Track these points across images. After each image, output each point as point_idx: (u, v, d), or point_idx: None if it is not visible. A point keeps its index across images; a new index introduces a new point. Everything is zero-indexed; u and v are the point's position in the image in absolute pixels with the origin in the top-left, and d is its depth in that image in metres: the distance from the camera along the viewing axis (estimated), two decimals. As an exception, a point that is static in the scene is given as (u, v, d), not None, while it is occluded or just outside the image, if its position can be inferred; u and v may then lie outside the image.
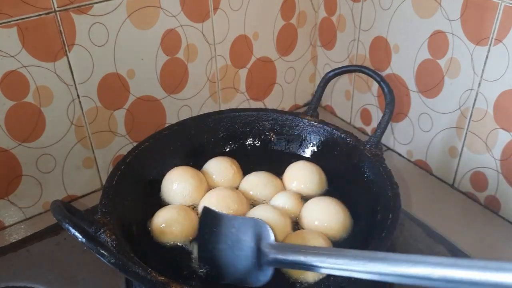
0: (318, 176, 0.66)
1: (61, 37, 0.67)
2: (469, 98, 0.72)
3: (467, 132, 0.74)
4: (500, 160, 0.70)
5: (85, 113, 0.74)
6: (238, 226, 0.54)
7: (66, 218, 0.44)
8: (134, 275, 0.45)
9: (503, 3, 0.63)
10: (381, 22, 0.82)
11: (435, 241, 0.67)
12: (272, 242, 0.51)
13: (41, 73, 0.67)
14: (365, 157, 0.64)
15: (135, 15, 0.72)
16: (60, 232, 0.69)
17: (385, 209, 0.56)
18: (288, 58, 0.95)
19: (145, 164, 0.66)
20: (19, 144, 0.69)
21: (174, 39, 0.78)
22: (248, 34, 0.86)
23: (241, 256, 0.52)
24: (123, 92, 0.76)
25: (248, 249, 0.51)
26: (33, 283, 0.61)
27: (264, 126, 0.74)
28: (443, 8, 0.71)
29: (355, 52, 0.90)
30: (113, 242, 0.50)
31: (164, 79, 0.80)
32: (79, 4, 0.67)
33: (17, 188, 0.72)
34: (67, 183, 0.77)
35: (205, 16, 0.80)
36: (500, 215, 0.73)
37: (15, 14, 0.62)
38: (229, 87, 0.89)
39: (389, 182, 0.59)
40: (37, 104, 0.69)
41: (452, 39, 0.71)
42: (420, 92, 0.79)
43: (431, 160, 0.82)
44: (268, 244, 0.51)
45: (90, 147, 0.77)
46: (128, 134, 0.80)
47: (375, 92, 0.89)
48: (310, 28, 0.95)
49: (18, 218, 0.74)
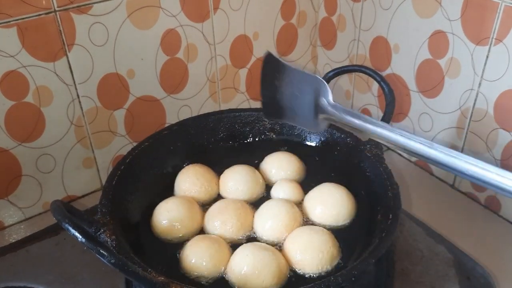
0: (295, 164, 0.69)
1: (61, 37, 0.67)
2: (470, 98, 0.72)
3: (468, 132, 0.74)
4: (501, 160, 0.70)
5: (85, 113, 0.74)
6: (300, 77, 0.57)
7: (66, 218, 0.44)
8: (134, 275, 0.45)
9: (504, 3, 0.63)
10: (381, 22, 0.82)
11: (435, 241, 0.66)
12: (331, 101, 0.55)
13: (41, 73, 0.67)
14: (365, 157, 0.64)
15: (135, 15, 0.72)
16: (60, 232, 0.68)
17: (385, 209, 0.56)
18: (288, 58, 0.95)
19: (145, 164, 0.66)
20: (19, 144, 0.69)
21: (174, 39, 0.78)
22: (248, 34, 0.86)
23: (302, 103, 0.56)
24: (123, 92, 0.76)
25: (309, 98, 0.56)
26: (32, 283, 0.61)
27: (264, 126, 0.74)
28: (443, 8, 0.71)
29: (355, 52, 0.90)
30: (113, 242, 0.50)
31: (164, 79, 0.80)
32: (79, 4, 0.67)
33: (17, 188, 0.72)
34: (67, 183, 0.77)
35: (205, 16, 0.80)
36: (500, 215, 0.73)
37: (15, 14, 0.62)
38: (229, 87, 0.89)
39: (389, 182, 0.59)
40: (37, 104, 0.69)
41: (453, 39, 0.71)
42: (420, 92, 0.79)
43: (431, 160, 0.82)
44: (327, 100, 0.55)
45: (90, 147, 0.77)
46: (128, 134, 0.80)
47: (375, 92, 0.89)
48: (310, 28, 0.95)
49: (17, 218, 0.74)
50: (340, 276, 0.47)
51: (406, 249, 0.65)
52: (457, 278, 0.60)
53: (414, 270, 0.61)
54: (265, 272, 0.52)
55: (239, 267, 0.53)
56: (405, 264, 0.62)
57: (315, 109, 0.55)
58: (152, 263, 0.51)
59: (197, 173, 0.66)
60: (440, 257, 0.64)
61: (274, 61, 0.57)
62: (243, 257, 0.54)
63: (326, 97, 0.55)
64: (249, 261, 0.53)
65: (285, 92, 0.57)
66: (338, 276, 0.47)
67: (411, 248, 0.65)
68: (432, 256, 0.64)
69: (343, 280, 0.47)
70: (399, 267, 0.62)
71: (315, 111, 0.56)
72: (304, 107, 0.56)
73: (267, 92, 0.58)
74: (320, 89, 0.55)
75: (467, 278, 0.60)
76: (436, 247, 0.65)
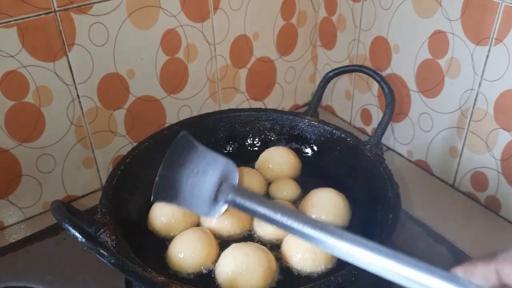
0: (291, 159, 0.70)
1: (61, 37, 0.67)
2: (470, 98, 0.72)
3: (468, 132, 0.74)
4: (501, 160, 0.70)
5: (85, 113, 0.74)
6: (209, 160, 0.55)
7: (66, 218, 0.44)
8: (134, 275, 0.45)
9: (503, 3, 0.63)
10: (381, 22, 0.82)
11: (435, 241, 0.66)
12: (235, 184, 0.54)
13: (41, 73, 0.67)
14: (365, 157, 0.64)
15: (135, 15, 0.72)
16: (60, 232, 0.69)
17: (385, 209, 0.56)
18: (288, 58, 0.95)
19: (145, 164, 0.66)
20: (19, 144, 0.69)
21: (174, 39, 0.78)
22: (248, 34, 0.86)
23: (201, 186, 0.54)
24: (123, 92, 0.76)
25: (210, 182, 0.54)
26: (32, 284, 0.61)
27: (264, 126, 0.74)
28: (443, 8, 0.71)
29: (355, 52, 0.90)
30: (113, 242, 0.50)
31: (164, 79, 0.80)
32: (79, 4, 0.67)
33: (17, 188, 0.72)
34: (67, 183, 0.77)
35: (205, 16, 0.80)
36: (500, 215, 0.73)
37: (15, 14, 0.62)
38: (229, 87, 0.89)
39: (389, 182, 0.59)
40: (37, 104, 0.69)
41: (453, 39, 0.71)
42: (421, 92, 0.79)
43: (431, 160, 0.82)
44: (231, 185, 0.54)
45: (90, 147, 0.77)
46: (128, 134, 0.80)
47: (375, 92, 0.89)
48: (310, 28, 0.95)
49: (18, 218, 0.74)
50: (340, 276, 0.47)
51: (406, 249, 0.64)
52: (457, 278, 0.60)
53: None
54: (252, 273, 0.52)
55: (226, 268, 0.53)
56: (405, 264, 0.62)
57: (216, 192, 0.54)
58: (152, 263, 0.51)
59: None
60: (440, 257, 0.64)
61: (188, 141, 0.56)
62: (230, 258, 0.54)
63: (232, 181, 0.54)
64: (236, 262, 0.53)
65: (187, 174, 0.54)
66: (338, 276, 0.47)
67: (411, 248, 0.65)
68: (432, 256, 0.64)
69: (343, 280, 0.47)
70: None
71: (215, 194, 0.54)
72: (204, 190, 0.54)
73: (166, 172, 0.54)
74: (229, 173, 0.55)
75: (467, 278, 0.60)
76: (436, 247, 0.65)
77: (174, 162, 0.54)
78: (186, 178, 0.54)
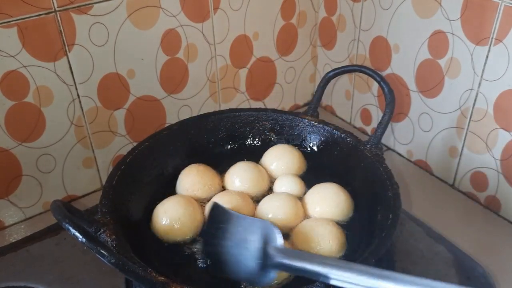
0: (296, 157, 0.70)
1: (61, 37, 0.67)
2: (469, 98, 0.72)
3: (467, 132, 0.74)
4: (500, 160, 0.70)
5: (85, 113, 0.74)
6: (246, 225, 0.53)
7: (66, 218, 0.44)
8: (134, 275, 0.45)
9: (503, 3, 0.63)
10: (381, 22, 0.82)
11: (435, 241, 0.66)
12: (279, 246, 0.50)
13: (41, 73, 0.67)
14: (365, 157, 0.64)
15: (135, 15, 0.72)
16: (60, 232, 0.68)
17: (385, 209, 0.56)
18: (288, 58, 0.95)
19: (145, 164, 0.66)
20: (19, 144, 0.69)
21: (174, 39, 0.78)
22: (248, 34, 0.86)
23: (246, 255, 0.51)
24: (123, 92, 0.76)
25: (254, 249, 0.51)
26: (33, 283, 0.61)
27: (264, 126, 0.74)
28: (443, 8, 0.71)
29: (355, 52, 0.90)
30: (113, 242, 0.50)
31: (164, 79, 0.80)
32: (79, 4, 0.67)
33: (17, 188, 0.72)
34: (67, 183, 0.77)
35: (205, 16, 0.80)
36: (500, 215, 0.73)
37: (15, 14, 0.62)
38: (229, 87, 0.89)
39: (389, 182, 0.59)
40: (37, 104, 0.69)
41: (452, 39, 0.71)
42: (420, 92, 0.79)
43: (431, 160, 0.82)
44: (274, 247, 0.50)
45: (90, 147, 0.77)
46: (128, 134, 0.80)
47: (375, 92, 0.89)
48: (310, 28, 0.95)
49: (18, 218, 0.74)
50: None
51: (406, 249, 0.65)
52: (457, 278, 0.60)
53: (414, 270, 0.61)
54: None
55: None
56: (405, 264, 0.62)
57: (263, 257, 0.50)
58: (152, 263, 0.51)
59: (200, 172, 0.66)
60: (440, 257, 0.64)
61: (222, 211, 0.55)
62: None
63: (274, 242, 0.50)
64: None
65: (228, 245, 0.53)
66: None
67: (411, 248, 0.65)
68: (432, 256, 0.64)
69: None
70: (399, 267, 0.62)
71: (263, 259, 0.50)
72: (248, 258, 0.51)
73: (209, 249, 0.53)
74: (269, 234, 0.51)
75: (467, 278, 0.60)
76: (436, 247, 0.65)
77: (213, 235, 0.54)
78: (230, 250, 0.53)
